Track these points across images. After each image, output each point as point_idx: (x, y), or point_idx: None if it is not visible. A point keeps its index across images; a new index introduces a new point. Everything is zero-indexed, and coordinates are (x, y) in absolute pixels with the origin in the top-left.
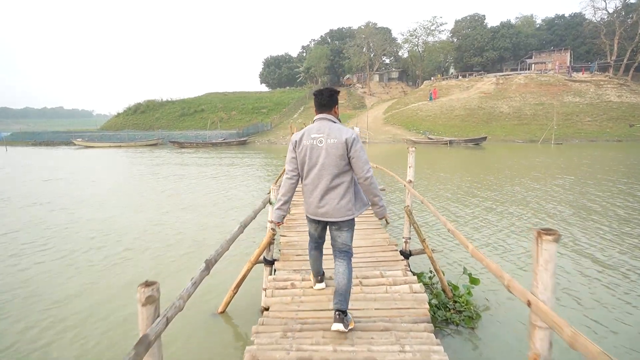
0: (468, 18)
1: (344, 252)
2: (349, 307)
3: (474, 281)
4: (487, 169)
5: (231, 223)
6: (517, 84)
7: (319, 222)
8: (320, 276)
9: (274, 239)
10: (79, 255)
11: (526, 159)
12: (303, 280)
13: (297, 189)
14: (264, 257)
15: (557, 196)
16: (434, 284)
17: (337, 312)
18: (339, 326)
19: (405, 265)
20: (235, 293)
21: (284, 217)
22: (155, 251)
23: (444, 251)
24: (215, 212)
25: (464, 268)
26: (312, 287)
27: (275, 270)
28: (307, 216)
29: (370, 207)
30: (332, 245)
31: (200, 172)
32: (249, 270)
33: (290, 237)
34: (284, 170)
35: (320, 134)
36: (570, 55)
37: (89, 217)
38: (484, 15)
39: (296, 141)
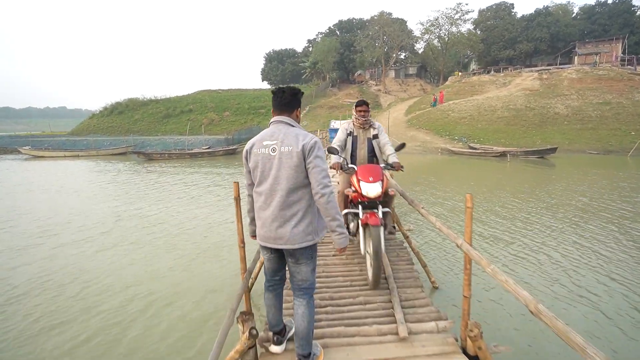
0: (494, 7)
1: (304, 290)
2: None
3: None
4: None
5: None
6: (568, 78)
7: (271, 249)
8: (277, 334)
9: None
10: None
11: None
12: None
13: None
14: None
15: None
16: None
17: (300, 359)
18: None
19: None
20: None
21: (255, 231)
22: None
23: None
24: None
25: None
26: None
27: None
28: (259, 243)
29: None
30: (289, 280)
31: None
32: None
33: None
34: None
35: (274, 140)
36: (625, 46)
37: None
38: (512, 4)
39: (247, 151)
